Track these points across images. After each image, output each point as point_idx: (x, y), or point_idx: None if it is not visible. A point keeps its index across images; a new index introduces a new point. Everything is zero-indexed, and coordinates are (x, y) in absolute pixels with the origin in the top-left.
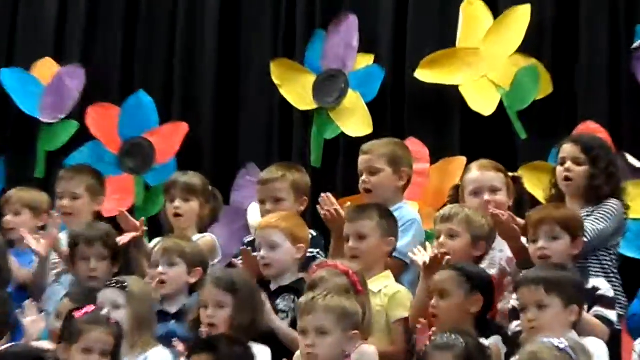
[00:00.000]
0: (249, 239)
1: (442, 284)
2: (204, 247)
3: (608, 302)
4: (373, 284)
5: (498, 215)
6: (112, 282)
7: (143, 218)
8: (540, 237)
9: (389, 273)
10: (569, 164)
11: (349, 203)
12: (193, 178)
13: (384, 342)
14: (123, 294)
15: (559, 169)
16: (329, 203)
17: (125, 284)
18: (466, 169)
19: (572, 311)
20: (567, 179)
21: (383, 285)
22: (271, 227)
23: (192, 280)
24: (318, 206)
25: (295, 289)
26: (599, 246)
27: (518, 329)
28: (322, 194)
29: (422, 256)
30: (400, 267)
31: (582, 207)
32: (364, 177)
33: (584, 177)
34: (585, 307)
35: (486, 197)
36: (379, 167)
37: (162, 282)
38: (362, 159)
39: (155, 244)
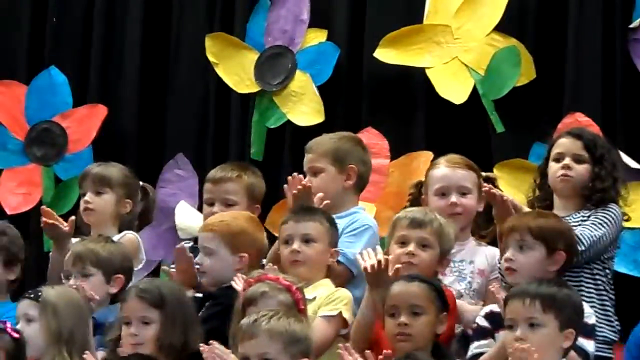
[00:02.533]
0: (187, 244)
1: (416, 299)
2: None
3: (587, 331)
4: (309, 292)
5: (496, 195)
6: (29, 292)
7: (73, 217)
8: (510, 246)
9: (327, 281)
10: (568, 160)
11: (320, 194)
12: (109, 168)
13: None
14: (36, 305)
15: (554, 165)
16: (297, 181)
17: (40, 294)
18: (432, 164)
19: (567, 336)
20: (565, 177)
21: (319, 292)
22: (208, 230)
23: (113, 291)
24: (285, 187)
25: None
26: (593, 257)
27: (478, 351)
28: (293, 174)
29: (370, 261)
30: (346, 276)
31: (577, 210)
32: (306, 179)
33: (585, 177)
34: None
35: (453, 198)
36: (321, 166)
37: None
38: (305, 158)
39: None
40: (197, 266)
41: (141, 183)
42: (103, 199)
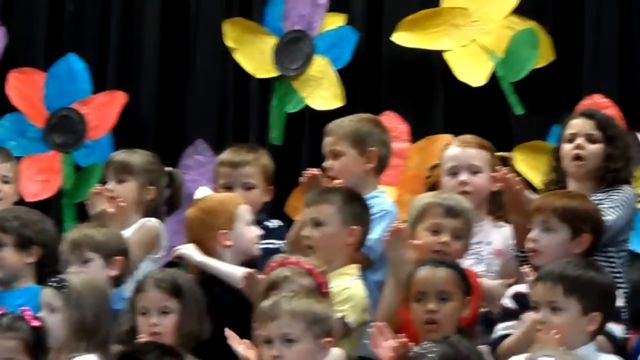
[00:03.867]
0: None
1: (444, 285)
2: (146, 234)
3: (616, 314)
4: (330, 282)
5: (509, 180)
6: (53, 280)
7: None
8: (535, 227)
9: (352, 269)
10: (580, 140)
11: (338, 181)
12: (131, 155)
13: None
14: (59, 294)
15: (567, 146)
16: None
17: (64, 283)
18: (445, 145)
19: (592, 320)
20: (577, 157)
21: (337, 284)
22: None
23: (114, 273)
24: (301, 178)
25: None
26: (609, 241)
27: (503, 332)
28: (308, 170)
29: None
30: (365, 263)
31: (591, 192)
32: (326, 162)
33: (598, 157)
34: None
35: (463, 177)
36: (341, 149)
37: None
38: (325, 141)
39: None
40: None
41: (168, 169)
42: (125, 187)
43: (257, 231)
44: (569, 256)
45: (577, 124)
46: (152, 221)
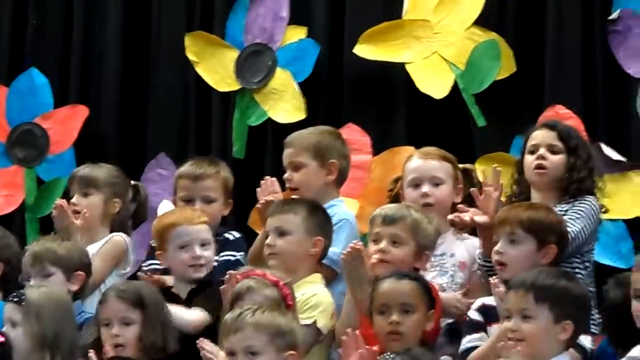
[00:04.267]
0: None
1: (407, 297)
2: (112, 249)
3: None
4: (295, 291)
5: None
6: (12, 295)
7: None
8: (500, 239)
9: (316, 277)
10: (542, 151)
11: (286, 175)
12: (95, 169)
13: None
14: (19, 309)
15: (529, 157)
16: (270, 188)
17: (23, 297)
18: (408, 157)
19: (564, 328)
20: (540, 167)
21: (302, 293)
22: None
23: (74, 288)
24: (258, 190)
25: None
26: (573, 251)
27: (470, 345)
28: (266, 178)
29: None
30: (329, 276)
31: (555, 203)
32: (286, 174)
33: (560, 168)
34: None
35: (424, 188)
36: (302, 161)
37: None
38: (285, 153)
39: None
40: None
41: (132, 182)
42: (89, 200)
43: (191, 255)
44: (536, 267)
45: (538, 135)
46: (120, 236)
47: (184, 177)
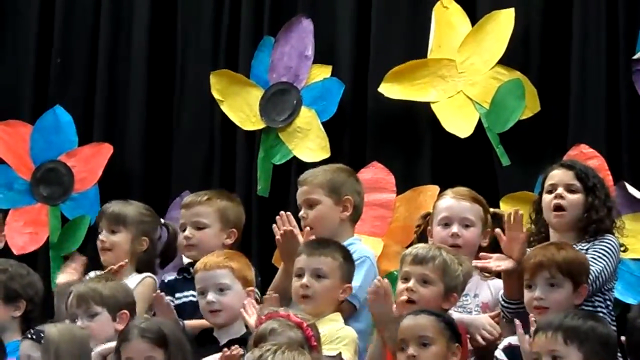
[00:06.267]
0: (170, 277)
1: (423, 331)
2: (148, 291)
3: None
4: (319, 327)
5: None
6: (30, 332)
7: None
8: (538, 284)
9: (337, 316)
10: (560, 190)
11: (307, 228)
12: (125, 207)
13: None
14: (37, 346)
15: (547, 197)
16: (286, 222)
17: (42, 334)
18: (440, 195)
19: None
20: (558, 208)
21: (324, 330)
22: (219, 266)
23: (120, 327)
24: (274, 226)
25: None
26: (595, 290)
27: None
28: (281, 213)
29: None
30: (349, 312)
31: (574, 243)
32: (301, 212)
33: (579, 207)
34: None
35: (454, 229)
36: (316, 198)
37: None
38: (299, 191)
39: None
40: (208, 305)
41: (163, 220)
42: (117, 237)
43: (205, 301)
44: (571, 308)
45: (556, 175)
46: (151, 277)
47: (181, 206)
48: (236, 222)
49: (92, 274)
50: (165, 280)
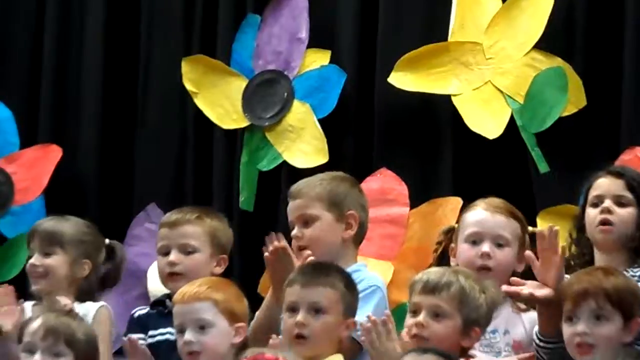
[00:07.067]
0: (141, 311)
1: None
2: (106, 326)
3: None
4: None
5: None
6: None
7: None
8: (582, 316)
9: (338, 358)
10: (608, 203)
11: (308, 252)
12: (61, 223)
13: None
14: None
15: (592, 211)
16: (275, 239)
17: None
18: (469, 206)
19: None
20: (605, 223)
21: None
22: (199, 298)
23: None
24: (264, 248)
25: None
26: None
27: None
28: (271, 233)
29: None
30: (352, 352)
31: (624, 266)
32: (295, 231)
33: (629, 223)
34: None
35: (485, 247)
36: (315, 213)
37: None
38: (291, 206)
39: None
40: (187, 346)
41: (107, 241)
42: (53, 260)
43: (182, 340)
44: (620, 347)
45: (603, 184)
46: (105, 308)
47: (162, 225)
48: (227, 246)
49: (26, 305)
50: (135, 315)
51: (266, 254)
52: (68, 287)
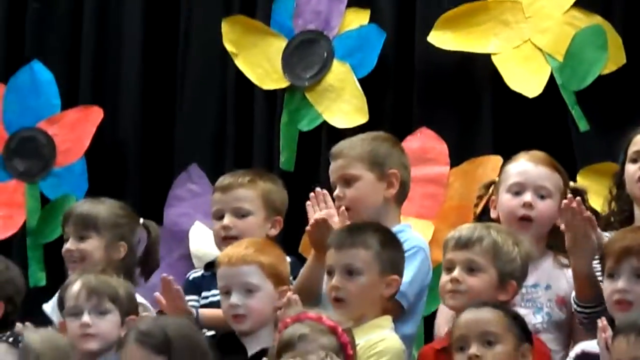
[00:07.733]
0: (195, 274)
1: (488, 326)
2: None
3: None
4: (358, 337)
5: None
6: (5, 335)
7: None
8: (622, 273)
9: (385, 320)
10: None
11: (343, 208)
12: (95, 206)
13: None
14: (14, 351)
15: (631, 167)
16: (322, 202)
17: (20, 338)
18: (511, 158)
19: None
20: None
21: (364, 340)
22: (246, 261)
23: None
24: (308, 204)
25: None
26: None
27: None
28: (317, 190)
29: None
30: (394, 313)
31: None
32: (337, 191)
33: None
34: None
35: (527, 197)
36: (356, 173)
37: (87, 335)
38: (332, 166)
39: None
40: (231, 309)
41: (142, 220)
42: (88, 245)
43: (227, 303)
44: None
45: None
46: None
47: (215, 189)
48: (281, 208)
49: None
50: (190, 278)
51: (308, 227)
52: (105, 271)
